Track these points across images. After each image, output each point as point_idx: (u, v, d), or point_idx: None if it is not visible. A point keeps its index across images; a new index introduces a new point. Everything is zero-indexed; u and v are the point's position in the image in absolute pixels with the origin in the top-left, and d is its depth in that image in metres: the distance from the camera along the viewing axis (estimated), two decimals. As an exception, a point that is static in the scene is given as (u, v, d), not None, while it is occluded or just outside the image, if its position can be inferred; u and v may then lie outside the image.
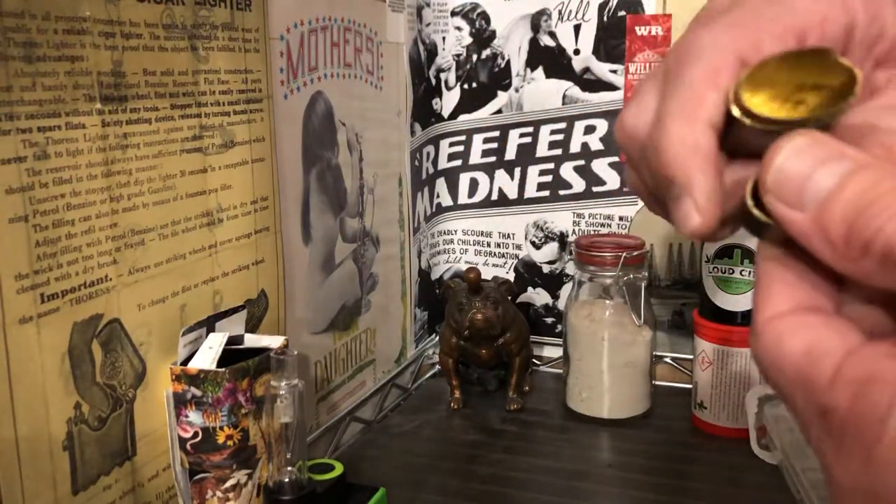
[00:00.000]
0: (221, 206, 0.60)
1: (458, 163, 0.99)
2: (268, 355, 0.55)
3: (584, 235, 0.90)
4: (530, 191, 0.96)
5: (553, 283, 0.97)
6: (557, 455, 0.76)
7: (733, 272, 0.76)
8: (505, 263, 0.99)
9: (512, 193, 0.97)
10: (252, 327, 0.63)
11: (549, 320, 0.98)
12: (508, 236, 0.99)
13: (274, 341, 0.59)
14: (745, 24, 0.27)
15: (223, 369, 0.53)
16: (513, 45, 0.94)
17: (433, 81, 0.96)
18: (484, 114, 0.97)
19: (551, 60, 0.93)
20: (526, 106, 0.95)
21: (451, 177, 0.99)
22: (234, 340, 0.58)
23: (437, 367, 0.95)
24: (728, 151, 0.26)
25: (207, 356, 0.54)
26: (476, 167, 0.98)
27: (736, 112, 0.25)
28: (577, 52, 0.92)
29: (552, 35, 0.92)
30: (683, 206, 0.25)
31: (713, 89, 0.25)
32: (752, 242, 0.75)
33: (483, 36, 0.95)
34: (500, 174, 0.98)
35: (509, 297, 0.85)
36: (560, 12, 0.91)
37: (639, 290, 0.81)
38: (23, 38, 0.43)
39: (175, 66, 0.54)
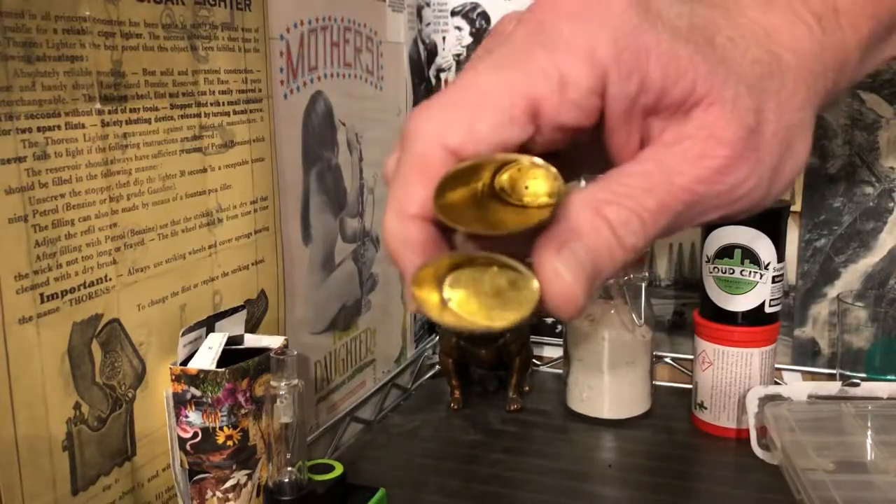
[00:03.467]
0: (221, 206, 0.60)
1: (458, 163, 0.99)
2: (267, 355, 0.55)
3: (584, 235, 0.90)
4: (530, 191, 0.96)
5: (553, 283, 0.97)
6: (558, 455, 0.76)
7: (734, 272, 0.76)
8: (505, 263, 0.99)
9: (512, 193, 0.97)
10: (252, 327, 0.63)
11: (550, 320, 0.98)
12: (508, 236, 0.98)
13: (274, 341, 0.59)
14: (460, 105, 0.25)
15: (223, 369, 0.53)
16: (513, 45, 0.94)
17: (433, 81, 0.96)
18: (484, 114, 0.96)
19: (551, 60, 0.92)
20: (526, 106, 0.94)
21: (451, 177, 0.99)
22: (233, 340, 0.58)
23: (437, 367, 0.94)
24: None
25: (207, 356, 0.54)
26: (476, 167, 0.98)
27: (439, 215, 0.24)
28: (577, 51, 0.91)
29: (552, 35, 0.92)
30: (405, 289, 0.26)
31: (422, 182, 0.25)
32: (752, 243, 0.75)
33: (483, 36, 0.95)
34: (500, 174, 0.97)
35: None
36: (560, 12, 0.91)
37: (639, 290, 0.81)
38: (22, 38, 0.43)
39: (175, 65, 0.54)
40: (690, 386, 0.83)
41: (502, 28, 0.28)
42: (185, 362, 0.54)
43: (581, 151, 0.27)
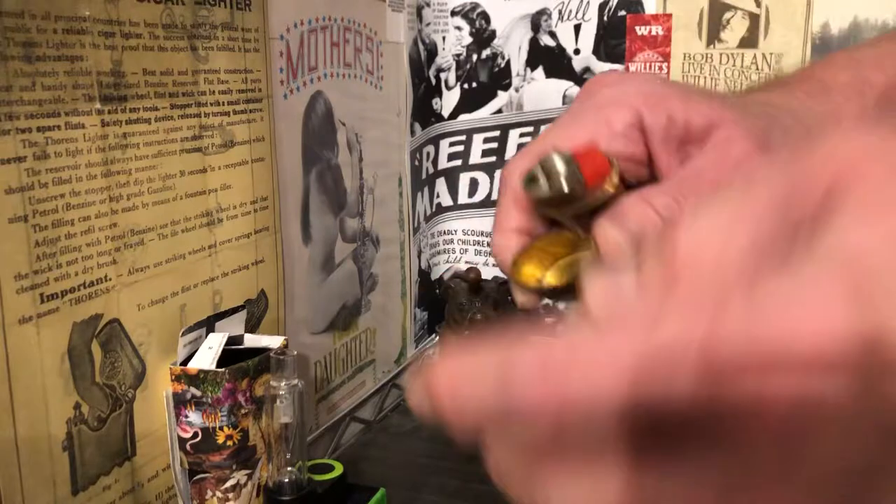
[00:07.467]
0: (221, 206, 0.60)
1: (458, 162, 0.99)
2: (267, 355, 0.55)
3: (584, 235, 0.90)
4: (530, 191, 0.96)
5: (553, 283, 0.97)
6: (557, 455, 0.76)
7: (733, 272, 0.76)
8: (505, 263, 0.99)
9: (512, 193, 0.97)
10: (252, 327, 0.63)
11: (550, 320, 0.98)
12: (508, 236, 0.98)
13: (274, 341, 0.59)
14: (533, 150, 0.34)
15: (223, 369, 0.53)
16: (513, 45, 0.94)
17: (433, 81, 0.96)
18: (484, 113, 0.96)
19: (551, 60, 0.93)
20: (526, 106, 0.94)
21: (451, 177, 0.99)
22: (233, 340, 0.58)
23: (437, 367, 0.94)
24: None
25: (207, 356, 0.54)
26: (476, 167, 0.98)
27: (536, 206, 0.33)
28: (577, 51, 0.91)
29: (552, 35, 0.92)
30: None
31: (517, 209, 0.34)
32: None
33: (483, 36, 0.95)
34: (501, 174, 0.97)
35: (510, 298, 0.85)
36: (560, 12, 0.91)
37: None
38: (22, 38, 0.43)
39: (175, 65, 0.54)
40: (690, 386, 0.82)
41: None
42: (185, 362, 0.54)
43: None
